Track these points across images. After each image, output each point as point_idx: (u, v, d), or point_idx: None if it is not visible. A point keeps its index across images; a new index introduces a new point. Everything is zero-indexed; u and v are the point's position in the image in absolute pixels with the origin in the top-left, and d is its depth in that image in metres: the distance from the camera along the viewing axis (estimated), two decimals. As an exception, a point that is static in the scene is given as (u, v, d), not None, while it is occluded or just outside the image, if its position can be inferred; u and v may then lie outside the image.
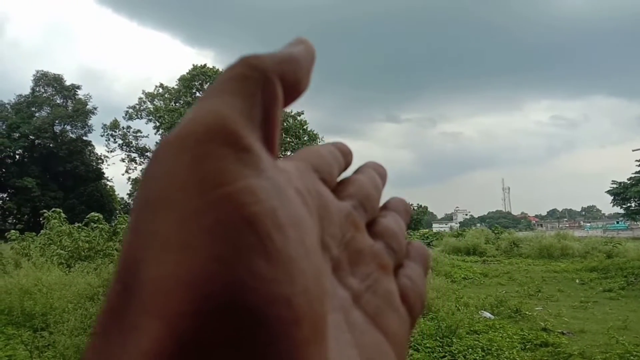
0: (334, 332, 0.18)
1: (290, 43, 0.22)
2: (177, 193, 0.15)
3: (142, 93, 39.03)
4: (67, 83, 41.57)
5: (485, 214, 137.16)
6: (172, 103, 37.73)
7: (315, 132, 37.71)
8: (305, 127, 37.17)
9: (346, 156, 0.26)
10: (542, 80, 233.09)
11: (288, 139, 36.24)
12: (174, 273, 0.14)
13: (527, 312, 7.83)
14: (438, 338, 6.08)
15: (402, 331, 0.23)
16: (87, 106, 40.95)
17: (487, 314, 7.77)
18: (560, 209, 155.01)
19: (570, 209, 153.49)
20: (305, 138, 36.83)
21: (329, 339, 0.17)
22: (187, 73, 39.21)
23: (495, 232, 24.50)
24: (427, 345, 5.88)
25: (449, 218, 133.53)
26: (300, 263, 0.16)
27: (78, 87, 41.84)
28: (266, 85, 0.18)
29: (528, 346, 6.04)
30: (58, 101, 40.78)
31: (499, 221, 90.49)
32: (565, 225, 76.54)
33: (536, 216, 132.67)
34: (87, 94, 42.10)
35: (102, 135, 38.26)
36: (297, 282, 0.15)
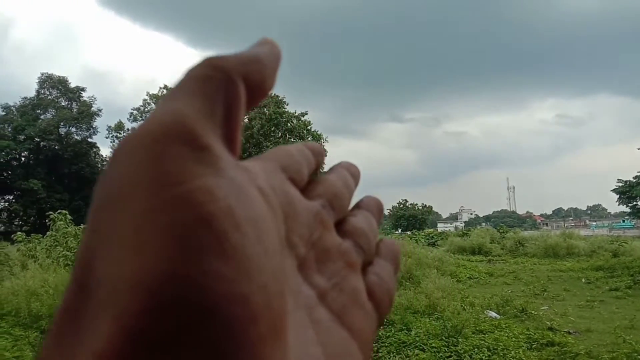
0: (296, 329, 0.18)
1: (255, 43, 0.22)
2: (133, 192, 0.15)
3: (147, 94, 39.11)
4: (72, 85, 41.80)
5: (490, 213, 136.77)
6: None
7: (319, 133, 37.72)
8: (309, 127, 37.18)
9: (317, 155, 0.26)
10: (547, 78, 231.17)
11: (292, 140, 36.26)
12: (127, 272, 0.14)
13: (533, 312, 7.79)
14: (444, 338, 6.07)
15: (368, 328, 0.23)
16: (92, 108, 41.20)
17: (493, 314, 7.74)
18: (565, 208, 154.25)
19: (576, 208, 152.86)
20: (309, 139, 36.83)
21: (291, 336, 0.17)
22: (191, 74, 39.27)
23: (501, 231, 24.41)
24: (433, 345, 5.86)
25: (453, 217, 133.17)
26: (258, 261, 0.16)
27: (83, 89, 42.08)
28: (229, 86, 0.18)
29: (534, 345, 6.01)
30: (63, 103, 41.01)
31: (504, 220, 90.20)
32: (571, 224, 76.30)
33: (541, 215, 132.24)
34: (92, 96, 42.42)
35: (107, 137, 38.54)
36: (255, 280, 0.15)
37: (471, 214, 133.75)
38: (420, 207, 65.47)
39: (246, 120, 37.17)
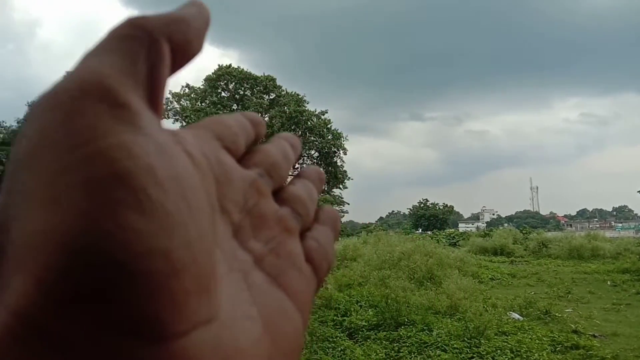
0: (231, 291, 0.18)
1: (182, 5, 0.21)
2: (48, 150, 0.15)
3: (169, 93, 39.61)
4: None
5: (513, 213, 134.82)
6: (198, 103, 38.21)
7: (339, 131, 37.70)
8: (329, 126, 37.18)
9: (257, 126, 0.26)
10: (570, 77, 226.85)
11: (312, 138, 36.33)
12: (43, 229, 0.14)
13: (556, 314, 7.68)
14: (466, 339, 6.03)
15: (306, 289, 0.24)
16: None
17: (516, 315, 7.65)
18: (590, 209, 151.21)
19: (601, 209, 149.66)
20: (329, 137, 36.83)
21: (225, 297, 0.17)
22: (212, 73, 39.63)
23: (524, 232, 24.13)
24: (455, 346, 5.83)
25: (475, 218, 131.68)
26: (181, 218, 0.16)
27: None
28: (151, 45, 0.18)
29: (558, 348, 5.93)
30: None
31: (527, 221, 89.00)
32: (596, 226, 74.76)
33: (565, 216, 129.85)
34: (116, 95, 42.95)
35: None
36: (177, 236, 0.15)
37: (493, 215, 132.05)
38: (441, 207, 64.99)
39: (267, 118, 37.44)
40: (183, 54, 0.20)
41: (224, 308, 0.17)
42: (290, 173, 0.29)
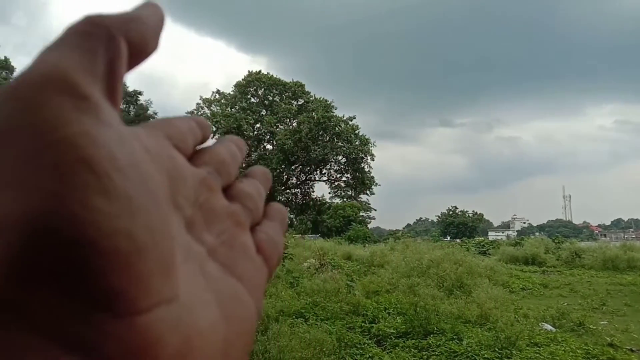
0: (188, 279, 0.19)
1: (138, 5, 0.22)
2: (13, 137, 0.15)
3: (200, 99, 40.34)
4: (129, 89, 43.51)
5: (545, 222, 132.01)
6: (228, 108, 38.69)
7: (367, 137, 37.65)
8: (356, 131, 37.16)
9: (203, 129, 0.27)
10: (605, 82, 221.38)
11: (340, 144, 36.35)
12: (9, 210, 0.15)
13: (591, 326, 7.48)
14: (497, 349, 5.92)
15: (259, 277, 0.25)
16: (148, 111, 42.71)
17: (548, 326, 7.48)
18: (625, 219, 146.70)
19: (637, 219, 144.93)
20: (356, 143, 36.82)
21: (183, 283, 0.18)
22: (242, 79, 40.17)
23: (556, 241, 23.55)
24: (485, 355, 5.73)
25: (505, 226, 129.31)
26: (143, 202, 0.17)
27: (139, 93, 43.70)
28: (109, 42, 0.19)
29: (593, 362, 5.78)
30: (121, 106, 42.69)
31: (559, 230, 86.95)
32: (632, 236, 72.48)
33: (599, 226, 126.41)
34: (148, 100, 44.11)
35: (161, 140, 39.78)
36: (139, 217, 0.16)
37: (524, 223, 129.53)
38: (470, 215, 64.08)
39: (295, 124, 37.62)
40: (140, 52, 0.21)
41: (183, 292, 0.18)
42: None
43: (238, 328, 0.22)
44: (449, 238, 52.20)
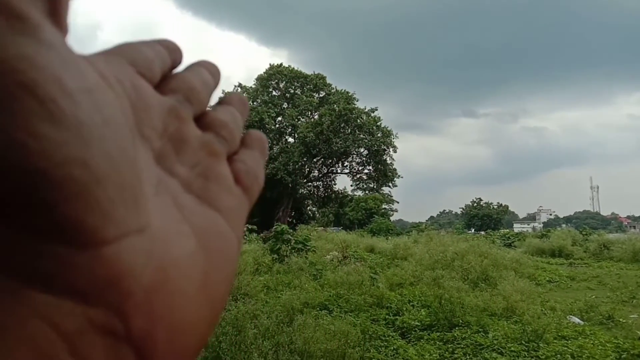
0: (162, 212, 0.19)
1: None
2: None
3: (222, 93, 40.30)
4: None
5: (572, 214, 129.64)
6: (250, 102, 38.85)
7: (389, 129, 37.39)
8: (378, 123, 36.93)
9: (173, 53, 0.25)
10: (636, 70, 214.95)
11: (362, 136, 36.19)
12: None
13: (620, 319, 7.33)
14: (523, 342, 5.86)
15: (238, 207, 0.24)
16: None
17: (576, 319, 7.36)
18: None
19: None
20: (378, 135, 36.61)
21: (156, 217, 0.18)
22: (264, 72, 40.25)
23: (583, 233, 23.13)
24: (512, 349, 5.68)
25: (531, 218, 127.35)
26: (96, 129, 0.16)
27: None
28: None
29: (624, 356, 5.64)
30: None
31: (587, 222, 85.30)
32: (663, 228, 70.54)
33: (628, 217, 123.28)
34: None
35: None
36: (94, 145, 0.16)
37: (550, 215, 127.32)
38: (495, 207, 63.24)
39: (316, 116, 37.55)
40: None
41: (155, 224, 0.18)
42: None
43: (218, 259, 0.21)
44: (473, 230, 51.70)
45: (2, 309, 0.14)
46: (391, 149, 37.44)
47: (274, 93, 40.41)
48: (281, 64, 40.64)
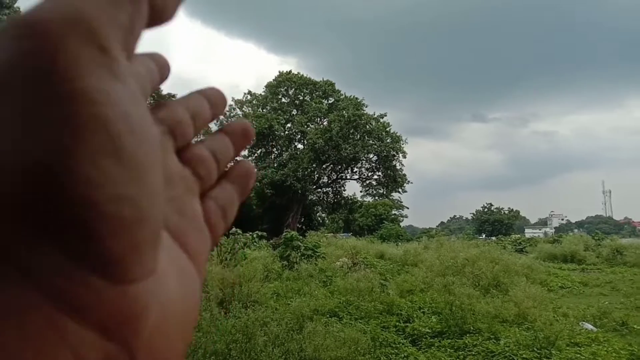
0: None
1: None
2: (20, 80, 0.15)
3: (232, 100, 40.70)
4: (164, 92, 44.42)
5: (584, 218, 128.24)
6: (260, 109, 39.00)
7: (398, 134, 37.33)
8: (387, 129, 36.89)
9: (162, 69, 0.25)
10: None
11: (371, 142, 36.17)
12: (16, 162, 0.14)
13: (635, 326, 7.23)
14: (535, 349, 5.79)
15: (204, 250, 0.24)
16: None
17: (589, 326, 7.27)
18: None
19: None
20: (388, 140, 36.56)
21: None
22: (273, 79, 40.39)
23: (596, 238, 22.85)
24: (524, 356, 5.62)
25: (543, 223, 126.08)
26: (150, 168, 0.16)
27: (173, 96, 44.41)
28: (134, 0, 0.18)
29: (638, 363, 5.59)
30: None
31: (599, 227, 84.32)
32: (677, 232, 69.53)
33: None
34: (182, 103, 44.59)
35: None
36: (144, 185, 0.16)
37: (562, 220, 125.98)
38: (506, 212, 62.81)
39: (325, 122, 37.58)
40: (157, 16, 0.20)
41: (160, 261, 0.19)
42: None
43: (191, 301, 0.22)
44: (484, 236, 51.33)
45: (36, 333, 0.14)
46: (400, 155, 37.38)
47: (283, 100, 40.54)
48: (290, 71, 40.78)
